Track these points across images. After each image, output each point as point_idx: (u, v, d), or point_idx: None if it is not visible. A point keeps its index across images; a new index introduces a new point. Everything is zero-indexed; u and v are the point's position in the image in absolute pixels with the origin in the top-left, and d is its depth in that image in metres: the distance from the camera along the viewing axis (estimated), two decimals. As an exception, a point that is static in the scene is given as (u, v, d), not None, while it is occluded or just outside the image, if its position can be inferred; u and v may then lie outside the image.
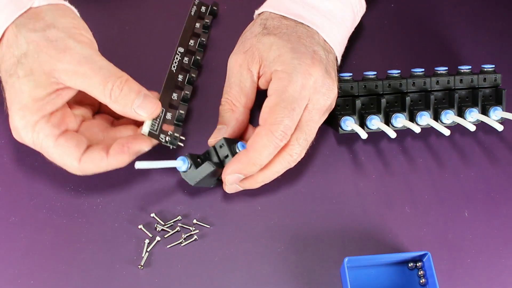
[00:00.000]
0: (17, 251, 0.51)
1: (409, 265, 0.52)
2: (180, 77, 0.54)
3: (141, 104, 0.46)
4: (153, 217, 0.53)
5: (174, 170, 0.51)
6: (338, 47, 0.54)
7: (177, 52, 0.55)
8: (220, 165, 0.50)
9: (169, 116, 0.51)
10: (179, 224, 0.53)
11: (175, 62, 0.55)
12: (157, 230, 0.52)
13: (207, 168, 0.48)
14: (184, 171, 0.49)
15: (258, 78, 0.51)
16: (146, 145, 0.48)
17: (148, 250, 0.51)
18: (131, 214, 0.53)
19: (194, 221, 0.53)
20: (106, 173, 0.54)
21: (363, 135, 0.51)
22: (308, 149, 0.51)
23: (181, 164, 0.49)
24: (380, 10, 0.63)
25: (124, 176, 0.54)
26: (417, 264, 0.52)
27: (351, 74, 0.56)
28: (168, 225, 0.52)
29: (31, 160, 0.54)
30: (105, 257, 0.51)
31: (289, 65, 0.48)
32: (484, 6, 0.65)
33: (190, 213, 0.53)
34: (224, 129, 0.51)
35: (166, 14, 0.61)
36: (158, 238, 0.52)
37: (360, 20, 0.58)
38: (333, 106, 0.52)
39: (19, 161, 0.54)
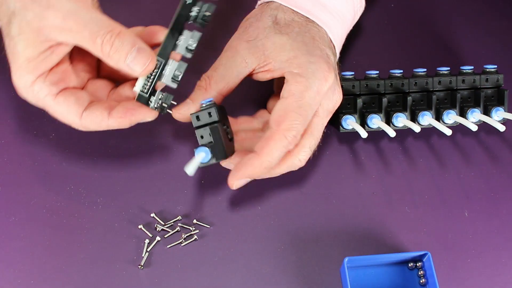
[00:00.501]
0: (17, 251, 0.51)
1: (409, 265, 0.53)
2: (195, 10, 0.47)
3: (134, 59, 0.44)
4: (153, 217, 0.53)
5: (179, 170, 0.51)
6: (339, 44, 0.53)
7: None
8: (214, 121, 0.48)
9: (168, 70, 0.47)
10: (179, 224, 0.53)
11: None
12: (157, 230, 0.52)
13: (215, 131, 0.47)
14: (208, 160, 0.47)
15: (251, 72, 0.50)
16: (149, 116, 0.47)
17: (148, 250, 0.51)
18: (131, 214, 0.53)
19: (194, 221, 0.53)
20: (106, 173, 0.54)
21: (363, 134, 0.51)
22: (314, 151, 0.50)
23: (204, 156, 0.46)
24: (383, 10, 0.63)
25: (124, 176, 0.54)
26: (417, 264, 0.52)
27: (353, 73, 0.56)
28: (168, 225, 0.52)
29: (31, 160, 0.54)
30: (105, 257, 0.51)
31: (307, 70, 0.47)
32: (487, 6, 0.64)
33: (190, 213, 0.53)
34: (190, 104, 0.49)
35: (166, 14, 0.60)
36: (158, 238, 0.52)
37: (363, 20, 0.58)
38: (336, 108, 0.52)
39: (19, 161, 0.54)
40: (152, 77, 0.47)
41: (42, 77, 0.45)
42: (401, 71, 0.56)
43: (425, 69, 0.56)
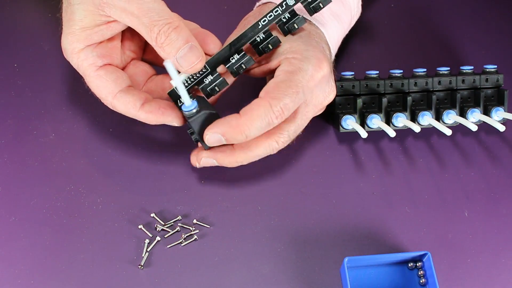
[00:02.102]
0: (17, 251, 0.51)
1: (409, 265, 0.53)
2: (261, 36, 0.47)
3: (185, 55, 0.44)
4: (153, 217, 0.53)
5: (179, 170, 0.51)
6: (335, 46, 0.53)
7: (284, 3, 0.47)
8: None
9: (209, 80, 0.47)
10: (179, 224, 0.53)
11: (274, 13, 0.47)
12: (157, 230, 0.52)
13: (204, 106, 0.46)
14: (189, 111, 0.46)
15: (248, 68, 0.49)
16: (177, 122, 0.47)
17: (148, 250, 0.51)
18: (131, 214, 0.53)
19: (194, 221, 0.53)
20: (106, 173, 0.54)
21: (363, 134, 0.51)
22: (292, 141, 0.49)
23: (190, 105, 0.45)
24: (383, 10, 0.63)
25: (124, 176, 0.54)
26: (417, 264, 0.52)
27: (353, 73, 0.56)
28: (168, 225, 0.52)
29: (31, 160, 0.54)
30: (105, 257, 0.51)
31: (301, 54, 0.47)
32: (486, 6, 0.64)
33: (190, 213, 0.53)
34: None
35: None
36: (158, 238, 0.52)
37: (363, 19, 0.58)
38: (324, 109, 0.51)
39: (19, 161, 0.54)
40: (192, 79, 0.47)
41: (91, 47, 0.46)
42: (401, 71, 0.56)
43: (425, 69, 0.56)
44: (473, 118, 0.56)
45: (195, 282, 0.51)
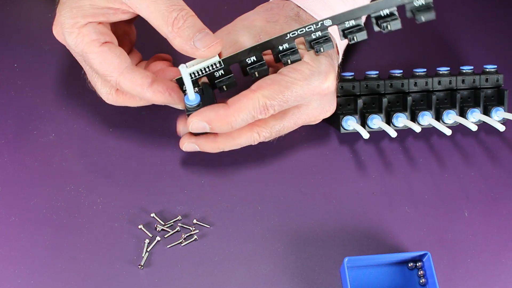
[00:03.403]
0: (17, 251, 0.51)
1: (409, 265, 0.52)
2: (285, 47, 0.47)
3: (202, 38, 0.44)
4: (153, 217, 0.53)
5: (179, 170, 0.51)
6: (343, 47, 0.53)
7: (321, 23, 0.46)
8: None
9: (218, 74, 0.47)
10: (179, 224, 0.53)
11: (306, 29, 0.46)
12: (157, 230, 0.52)
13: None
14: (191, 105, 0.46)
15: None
16: (182, 106, 0.47)
17: (148, 250, 0.51)
18: (131, 214, 0.53)
19: (194, 221, 0.53)
20: (106, 173, 0.54)
21: (365, 135, 0.51)
22: (274, 140, 0.49)
23: (193, 99, 0.45)
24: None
25: (124, 176, 0.54)
26: (417, 264, 0.52)
27: (353, 73, 0.56)
28: (168, 225, 0.52)
29: (31, 160, 0.54)
30: (105, 257, 0.51)
31: (315, 64, 0.46)
32: (486, 6, 0.64)
33: (190, 213, 0.53)
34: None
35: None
36: (158, 238, 0.52)
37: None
38: (318, 121, 0.51)
39: (19, 161, 0.54)
40: (203, 70, 0.47)
41: (93, 24, 0.45)
42: (401, 71, 0.56)
43: (425, 69, 0.56)
44: (473, 118, 0.56)
45: (195, 282, 0.51)
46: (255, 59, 0.47)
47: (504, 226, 0.55)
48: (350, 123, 0.54)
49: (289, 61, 0.46)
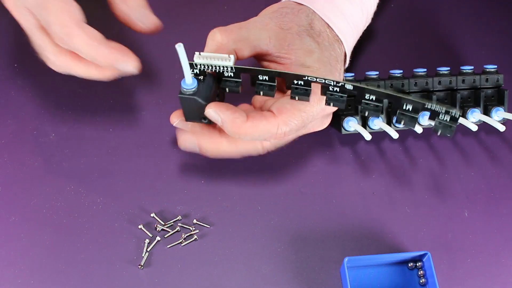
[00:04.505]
0: (17, 251, 0.51)
1: (409, 265, 0.52)
2: (299, 83, 0.45)
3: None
4: (153, 217, 0.53)
5: (179, 170, 0.51)
6: (349, 52, 0.53)
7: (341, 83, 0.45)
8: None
9: (227, 74, 0.46)
10: (179, 224, 0.53)
11: (325, 82, 0.45)
12: (157, 230, 0.52)
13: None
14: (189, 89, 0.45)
15: (265, 54, 0.49)
16: (134, 66, 0.46)
17: (148, 250, 0.51)
18: (131, 214, 0.53)
19: (194, 221, 0.53)
20: (106, 173, 0.54)
21: (367, 136, 0.51)
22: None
23: (190, 83, 0.45)
24: (382, 10, 0.63)
25: (124, 176, 0.54)
26: (417, 264, 0.52)
27: (353, 74, 0.55)
28: (168, 225, 0.52)
29: (31, 160, 0.54)
30: (105, 257, 0.51)
31: None
32: (486, 6, 0.64)
33: (190, 213, 0.53)
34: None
35: (166, 14, 0.60)
36: (158, 238, 0.52)
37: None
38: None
39: (19, 161, 0.54)
40: (214, 67, 0.45)
41: None
42: (401, 71, 0.56)
43: (425, 69, 0.56)
44: (473, 118, 0.56)
45: (195, 282, 0.51)
46: (267, 79, 0.46)
47: (504, 226, 0.55)
48: (352, 124, 0.54)
49: (296, 97, 0.46)
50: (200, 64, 0.45)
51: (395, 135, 0.51)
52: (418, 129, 0.51)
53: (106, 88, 0.57)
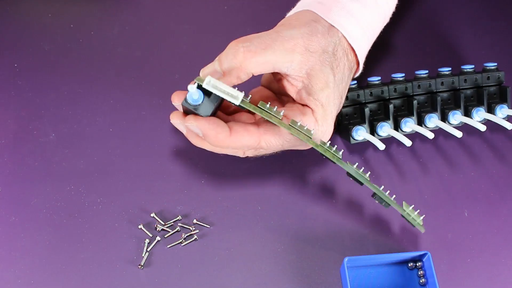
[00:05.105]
0: (17, 251, 0.51)
1: (409, 265, 0.52)
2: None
3: None
4: (153, 217, 0.53)
5: (179, 170, 0.51)
6: (362, 62, 0.53)
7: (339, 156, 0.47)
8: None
9: (229, 91, 0.44)
10: (179, 224, 0.53)
11: (324, 146, 0.46)
12: (157, 230, 0.52)
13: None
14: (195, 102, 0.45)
15: (283, 74, 0.48)
16: None
17: (148, 250, 0.51)
18: (131, 214, 0.53)
19: (194, 221, 0.53)
20: (106, 173, 0.54)
21: (381, 146, 0.51)
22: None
23: (197, 98, 0.44)
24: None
25: (124, 176, 0.54)
26: (417, 264, 0.52)
27: (355, 81, 0.55)
28: (168, 225, 0.52)
29: (31, 160, 0.54)
30: (105, 257, 0.51)
31: (325, 111, 0.48)
32: (480, 3, 0.64)
33: (190, 213, 0.53)
34: (216, 66, 0.46)
35: (166, 14, 0.60)
36: (158, 238, 0.52)
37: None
38: None
39: (19, 161, 0.54)
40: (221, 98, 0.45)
41: None
42: (403, 74, 0.56)
43: (427, 71, 0.56)
44: (478, 117, 0.56)
45: (195, 282, 0.51)
46: (273, 110, 0.45)
47: (504, 226, 0.55)
48: (361, 133, 0.54)
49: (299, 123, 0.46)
50: (207, 89, 0.44)
51: (408, 143, 0.51)
52: (430, 134, 0.51)
53: (106, 88, 0.57)
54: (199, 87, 0.44)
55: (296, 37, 0.46)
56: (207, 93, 0.45)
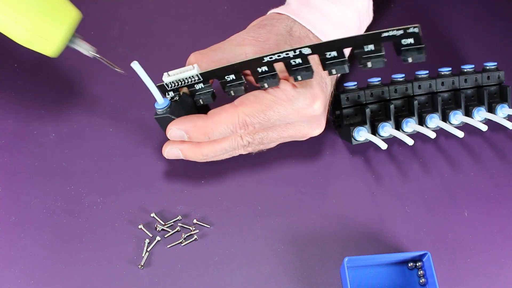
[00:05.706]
0: (17, 251, 0.51)
1: (409, 265, 0.52)
2: (263, 69, 0.44)
3: None
4: (153, 217, 0.53)
5: (179, 170, 0.50)
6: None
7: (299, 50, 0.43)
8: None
9: (198, 87, 0.47)
10: (179, 224, 0.53)
11: (284, 54, 0.43)
12: (157, 230, 0.52)
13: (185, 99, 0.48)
14: (162, 108, 0.47)
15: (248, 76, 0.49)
16: None
17: (148, 250, 0.51)
18: (131, 214, 0.53)
19: (194, 221, 0.53)
20: (106, 173, 0.54)
21: (383, 146, 0.51)
22: (252, 151, 0.50)
23: (162, 103, 0.47)
24: (381, 11, 0.63)
25: (124, 176, 0.54)
26: (417, 264, 0.52)
27: (356, 82, 0.55)
28: (168, 225, 0.52)
29: (31, 160, 0.54)
30: (105, 257, 0.51)
31: (301, 85, 0.46)
32: (480, 3, 0.64)
33: (190, 213, 0.53)
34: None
35: (166, 14, 0.60)
36: (158, 238, 0.52)
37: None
38: (306, 138, 0.51)
39: (19, 161, 0.54)
40: (183, 81, 0.47)
41: None
42: (403, 75, 0.56)
43: (427, 71, 0.56)
44: (479, 117, 0.56)
45: (195, 282, 0.51)
46: (234, 78, 0.46)
47: (504, 226, 0.55)
48: (362, 134, 0.54)
49: (265, 84, 0.45)
50: (170, 83, 0.47)
51: (410, 142, 0.51)
52: (432, 134, 0.51)
53: (106, 88, 0.57)
54: (160, 87, 0.47)
55: (243, 35, 0.49)
56: (180, 100, 0.47)
